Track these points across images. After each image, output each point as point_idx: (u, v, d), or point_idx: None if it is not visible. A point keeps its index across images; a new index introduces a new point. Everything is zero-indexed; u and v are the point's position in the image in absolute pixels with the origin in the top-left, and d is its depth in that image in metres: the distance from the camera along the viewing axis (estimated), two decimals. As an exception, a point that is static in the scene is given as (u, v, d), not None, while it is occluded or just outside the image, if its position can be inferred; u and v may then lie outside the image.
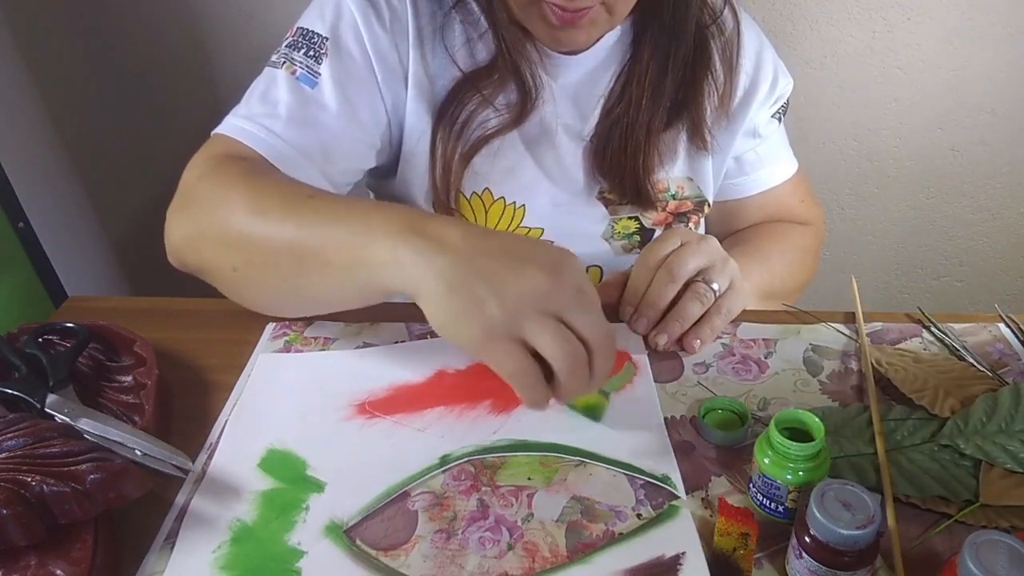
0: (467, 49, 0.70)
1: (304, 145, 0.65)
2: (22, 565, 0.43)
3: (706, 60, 0.72)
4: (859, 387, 0.62)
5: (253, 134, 0.64)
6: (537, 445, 0.56)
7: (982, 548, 0.39)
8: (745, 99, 0.77)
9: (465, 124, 0.70)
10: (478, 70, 0.69)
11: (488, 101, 0.70)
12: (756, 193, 0.84)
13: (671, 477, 0.53)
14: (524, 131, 0.73)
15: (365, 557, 0.48)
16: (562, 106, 0.73)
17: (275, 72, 0.67)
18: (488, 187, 0.74)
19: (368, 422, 0.58)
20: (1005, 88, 1.21)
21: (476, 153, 0.71)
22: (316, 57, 0.66)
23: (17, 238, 0.97)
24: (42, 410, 0.54)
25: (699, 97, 0.73)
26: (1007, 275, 1.42)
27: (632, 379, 0.62)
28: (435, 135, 0.71)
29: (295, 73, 0.66)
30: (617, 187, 0.76)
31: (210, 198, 0.59)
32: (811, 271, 0.85)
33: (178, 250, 0.62)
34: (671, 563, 0.47)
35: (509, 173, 0.74)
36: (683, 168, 0.78)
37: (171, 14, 1.13)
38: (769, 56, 0.78)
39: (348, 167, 0.70)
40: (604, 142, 0.74)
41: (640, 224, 0.79)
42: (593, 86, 0.74)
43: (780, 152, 0.84)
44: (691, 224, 0.81)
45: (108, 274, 1.35)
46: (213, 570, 0.47)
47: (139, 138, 1.24)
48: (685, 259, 0.63)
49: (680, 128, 0.75)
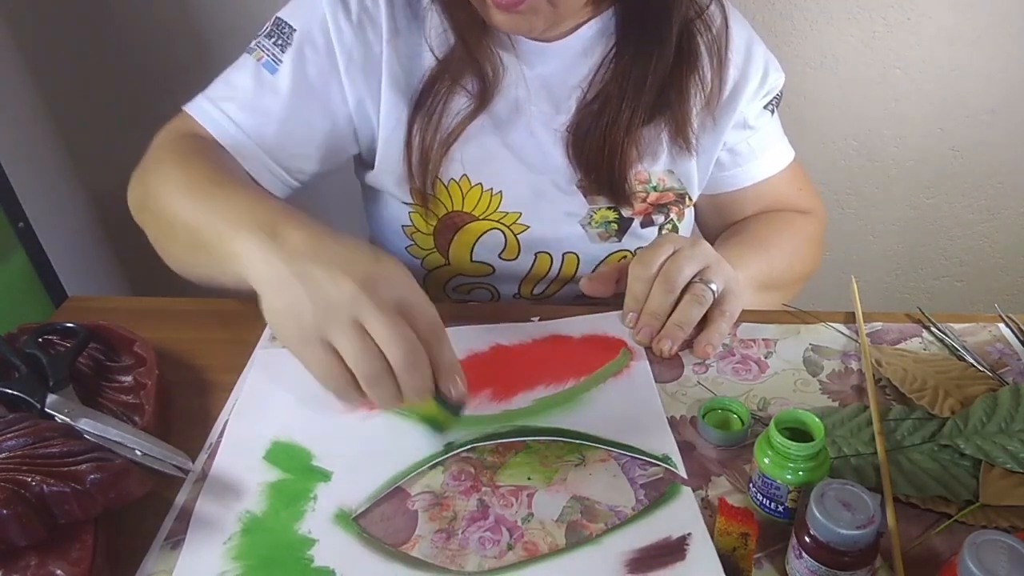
0: (444, 37, 0.70)
1: (253, 130, 0.69)
2: (22, 565, 0.43)
3: (693, 58, 0.72)
4: (859, 387, 0.62)
5: (209, 115, 0.69)
6: (538, 430, 0.57)
7: (982, 548, 0.39)
8: (734, 92, 0.76)
9: (442, 112, 0.71)
10: (447, 56, 0.70)
11: (457, 83, 0.70)
12: (751, 184, 0.83)
13: (671, 457, 0.54)
14: (497, 118, 0.73)
15: (375, 543, 0.48)
16: (537, 95, 0.73)
17: (247, 58, 0.70)
18: (465, 173, 0.75)
19: (371, 413, 0.58)
20: (1005, 88, 1.21)
21: (455, 140, 0.72)
22: (282, 46, 0.69)
23: (17, 238, 0.97)
24: (42, 410, 0.54)
25: (684, 96, 0.72)
26: (1007, 275, 1.42)
27: (629, 363, 0.63)
28: (411, 124, 0.72)
29: (261, 60, 0.69)
30: (593, 181, 0.76)
31: (155, 170, 0.65)
32: (813, 260, 0.84)
33: (135, 213, 0.68)
34: (677, 544, 0.48)
35: (485, 160, 0.74)
36: (665, 162, 0.77)
37: (171, 13, 1.13)
38: (759, 50, 0.77)
39: (298, 154, 0.72)
40: (582, 135, 0.73)
41: (618, 214, 0.78)
42: (568, 76, 0.73)
43: (773, 143, 0.82)
44: (673, 215, 0.80)
45: (108, 274, 1.35)
46: (225, 561, 0.47)
47: (139, 138, 1.23)
48: (681, 266, 0.63)
49: (662, 125, 0.74)
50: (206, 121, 0.69)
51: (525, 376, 0.61)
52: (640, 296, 0.65)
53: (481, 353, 0.64)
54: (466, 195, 0.75)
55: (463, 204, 0.76)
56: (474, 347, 0.64)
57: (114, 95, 1.20)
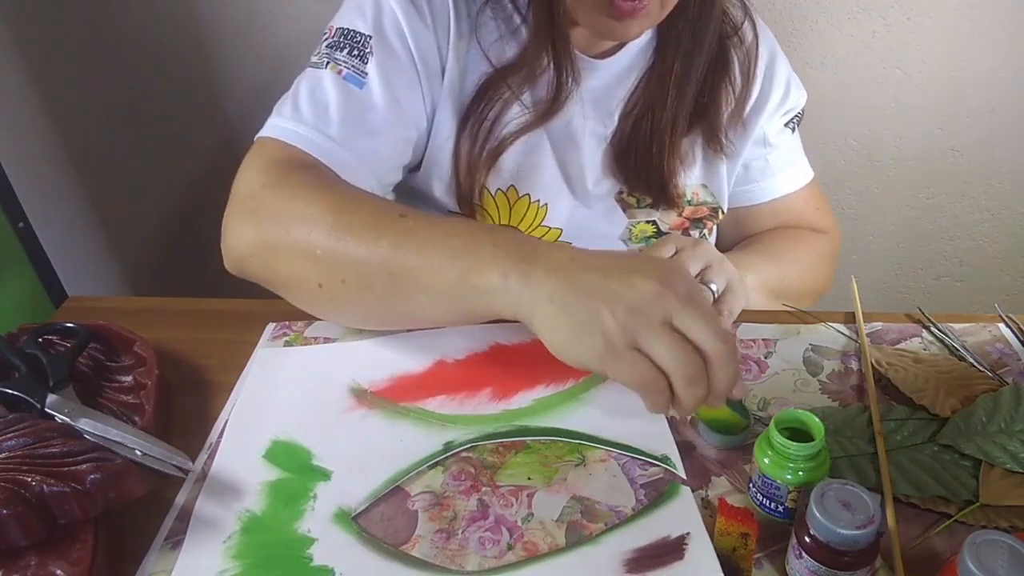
0: (499, 45, 0.70)
1: (358, 148, 0.64)
2: (22, 565, 0.43)
3: (726, 67, 0.74)
4: (859, 387, 0.62)
5: (308, 139, 0.63)
6: (538, 430, 0.57)
7: (982, 548, 0.39)
8: (756, 107, 0.78)
9: (495, 121, 0.70)
10: (509, 65, 0.70)
11: (516, 96, 0.70)
12: (768, 200, 0.84)
13: (670, 457, 0.54)
14: (551, 130, 0.74)
15: (375, 542, 0.48)
16: (588, 109, 0.74)
17: (320, 73, 0.65)
18: (513, 184, 0.75)
19: (370, 412, 0.58)
20: (1005, 88, 1.21)
21: (504, 150, 0.72)
22: (361, 56, 0.65)
23: (17, 238, 0.97)
24: (42, 410, 0.54)
25: (717, 102, 0.74)
26: (1007, 275, 1.42)
27: None
28: (461, 131, 0.71)
29: (341, 73, 0.65)
30: (641, 187, 0.76)
31: (283, 209, 0.57)
32: (825, 278, 0.85)
33: (242, 259, 0.60)
34: (676, 544, 0.48)
35: (534, 171, 0.74)
36: (699, 175, 0.79)
37: (172, 13, 1.13)
38: (783, 68, 0.79)
39: (395, 166, 0.70)
40: (627, 143, 0.75)
41: (657, 228, 0.79)
42: (616, 90, 0.74)
43: (793, 160, 0.84)
44: (706, 231, 0.81)
45: (108, 274, 1.35)
46: (225, 560, 0.47)
47: (139, 138, 1.24)
48: (683, 265, 0.63)
49: (698, 133, 0.76)
50: (306, 145, 0.62)
51: (525, 376, 0.61)
52: None
53: (481, 353, 0.64)
54: (513, 206, 0.75)
55: (510, 216, 0.75)
56: (474, 347, 0.64)
57: (114, 95, 1.20)
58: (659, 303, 0.47)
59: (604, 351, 0.47)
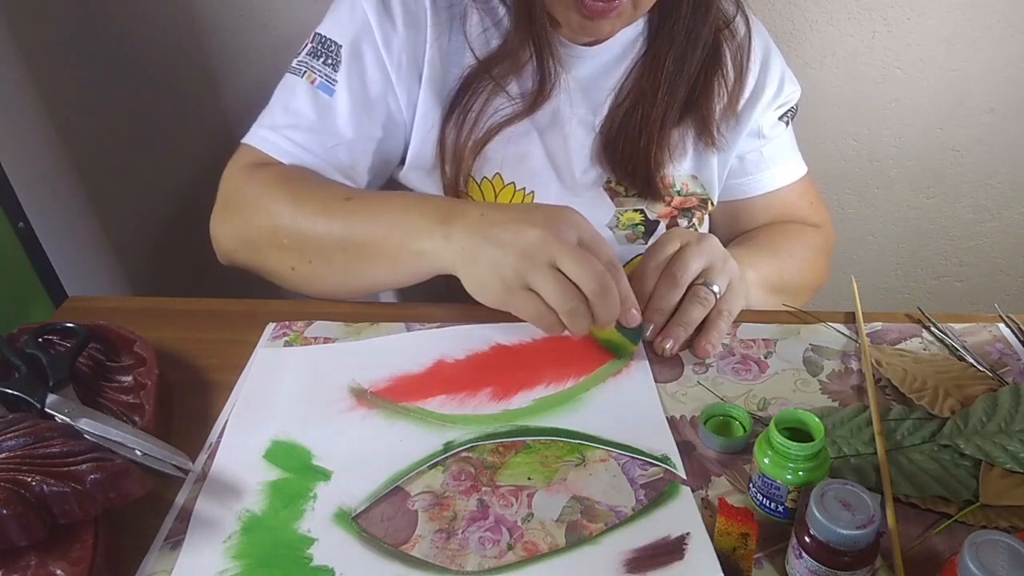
0: (484, 37, 0.71)
1: (325, 154, 0.69)
2: (22, 565, 0.43)
3: (718, 61, 0.74)
4: (859, 387, 0.62)
5: (278, 145, 0.69)
6: (538, 430, 0.57)
7: (982, 548, 0.39)
8: (751, 101, 0.78)
9: (480, 112, 0.72)
10: (493, 56, 0.70)
11: (501, 87, 0.71)
12: (762, 193, 0.84)
13: (670, 457, 0.54)
14: (537, 119, 0.74)
15: (375, 542, 0.48)
16: (575, 98, 0.74)
17: (296, 81, 0.70)
18: (499, 172, 0.75)
19: (370, 412, 0.58)
20: (1005, 88, 1.21)
21: (490, 140, 0.73)
22: (333, 65, 0.69)
23: (17, 238, 0.97)
24: (42, 410, 0.54)
25: (709, 95, 0.74)
26: (1007, 275, 1.42)
27: (628, 363, 0.63)
28: (446, 123, 0.72)
29: (315, 83, 0.69)
30: (627, 178, 0.77)
31: (255, 207, 0.66)
32: (821, 273, 0.85)
33: (229, 252, 0.70)
34: (676, 544, 0.48)
35: (520, 160, 0.75)
36: (689, 166, 0.79)
37: (173, 14, 1.13)
38: (776, 62, 0.79)
39: (369, 167, 0.73)
40: (616, 133, 0.75)
41: (644, 216, 0.79)
42: (605, 79, 0.75)
43: (787, 154, 0.84)
44: (695, 220, 0.81)
45: (108, 274, 1.35)
46: (225, 560, 0.47)
47: (139, 138, 1.23)
48: (687, 262, 0.63)
49: (689, 125, 0.76)
50: (276, 152, 0.69)
51: (525, 376, 0.62)
52: (646, 290, 0.65)
53: (481, 353, 0.64)
54: (499, 193, 0.76)
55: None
56: (474, 347, 0.65)
57: (114, 95, 1.20)
58: (544, 248, 0.54)
59: (504, 292, 0.56)
